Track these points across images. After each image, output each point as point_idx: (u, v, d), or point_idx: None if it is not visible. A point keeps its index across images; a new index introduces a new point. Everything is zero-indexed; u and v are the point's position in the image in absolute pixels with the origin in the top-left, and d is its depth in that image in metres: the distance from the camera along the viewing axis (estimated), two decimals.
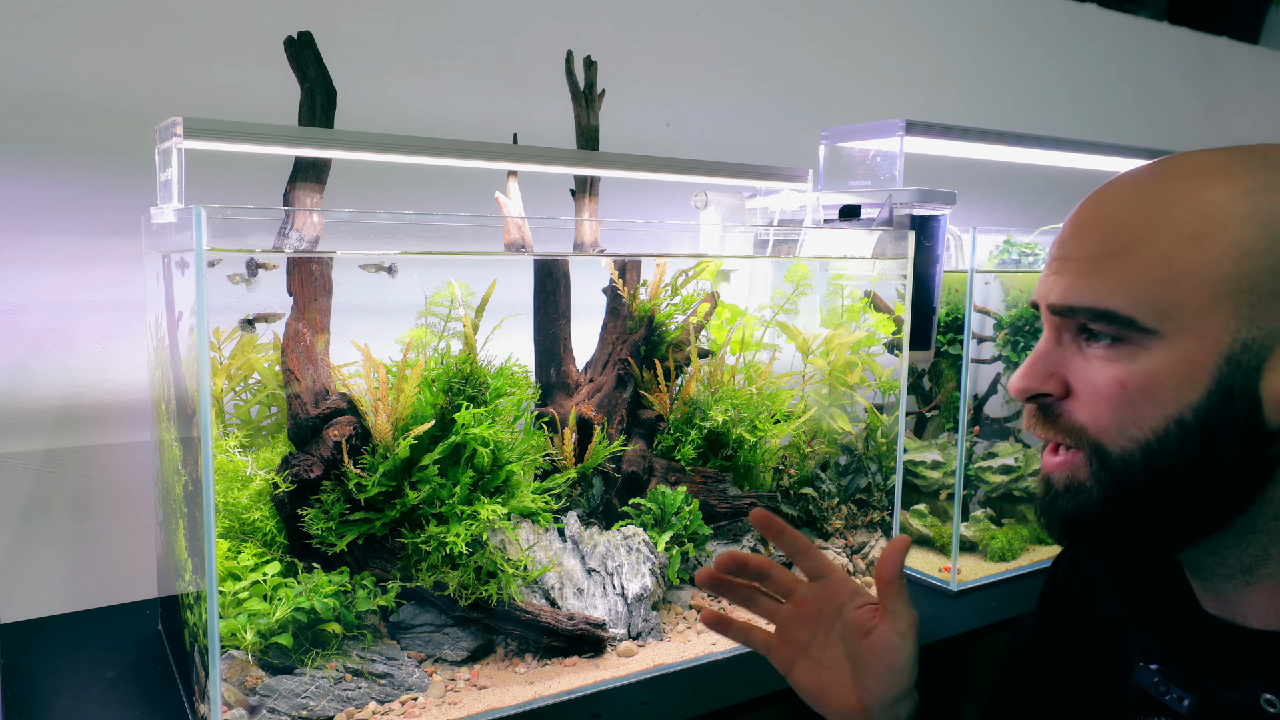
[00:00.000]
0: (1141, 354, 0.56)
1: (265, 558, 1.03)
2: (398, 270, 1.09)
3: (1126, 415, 0.56)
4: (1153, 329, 0.55)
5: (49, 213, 1.24)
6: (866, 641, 0.72)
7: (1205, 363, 0.54)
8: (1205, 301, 0.54)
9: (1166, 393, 0.55)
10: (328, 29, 1.14)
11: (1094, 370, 0.58)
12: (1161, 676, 0.63)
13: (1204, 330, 0.54)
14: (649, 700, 1.05)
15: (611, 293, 1.32)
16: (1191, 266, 0.54)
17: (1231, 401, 0.54)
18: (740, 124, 1.90)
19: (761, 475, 1.37)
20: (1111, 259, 0.56)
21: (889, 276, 1.39)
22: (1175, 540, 0.60)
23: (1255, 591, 0.60)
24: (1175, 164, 0.59)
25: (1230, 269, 0.53)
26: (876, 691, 0.71)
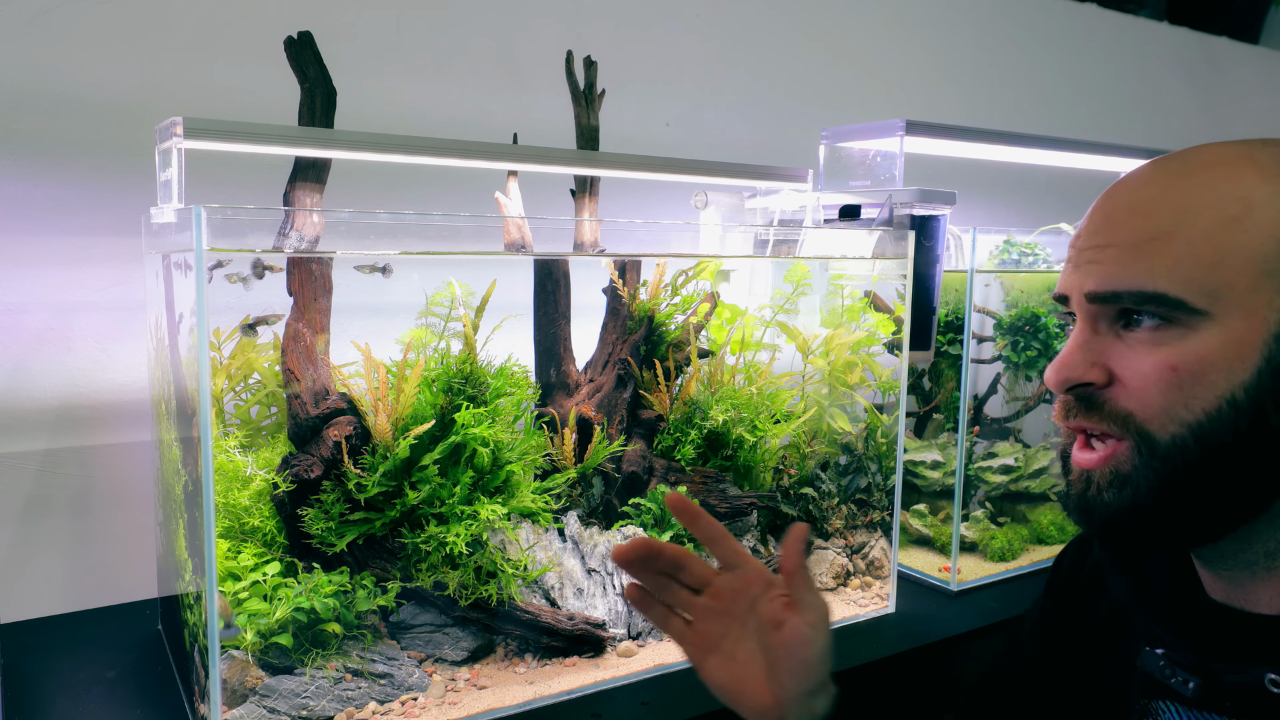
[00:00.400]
0: (1190, 335, 0.56)
1: (265, 558, 1.03)
2: (392, 270, 1.08)
3: (1176, 399, 0.56)
4: (1202, 310, 0.55)
5: (49, 213, 1.24)
6: (779, 635, 0.70)
7: (1254, 341, 0.55)
8: (1251, 280, 0.55)
9: (1218, 372, 0.55)
10: (328, 29, 1.14)
11: (1139, 356, 0.58)
12: (1167, 660, 0.64)
13: (1251, 309, 0.55)
14: (649, 700, 1.05)
15: (611, 293, 1.32)
16: (1235, 247, 0.55)
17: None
18: (740, 124, 1.90)
19: (761, 475, 1.37)
20: (1154, 243, 0.57)
21: (889, 276, 1.39)
22: (1221, 526, 0.59)
23: (1274, 577, 0.60)
24: (1200, 154, 0.59)
25: (1273, 249, 0.55)
26: (790, 686, 0.70)
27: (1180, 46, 2.84)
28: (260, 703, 0.94)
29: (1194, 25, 2.88)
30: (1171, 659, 0.64)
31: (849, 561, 1.40)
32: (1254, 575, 0.61)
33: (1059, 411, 0.62)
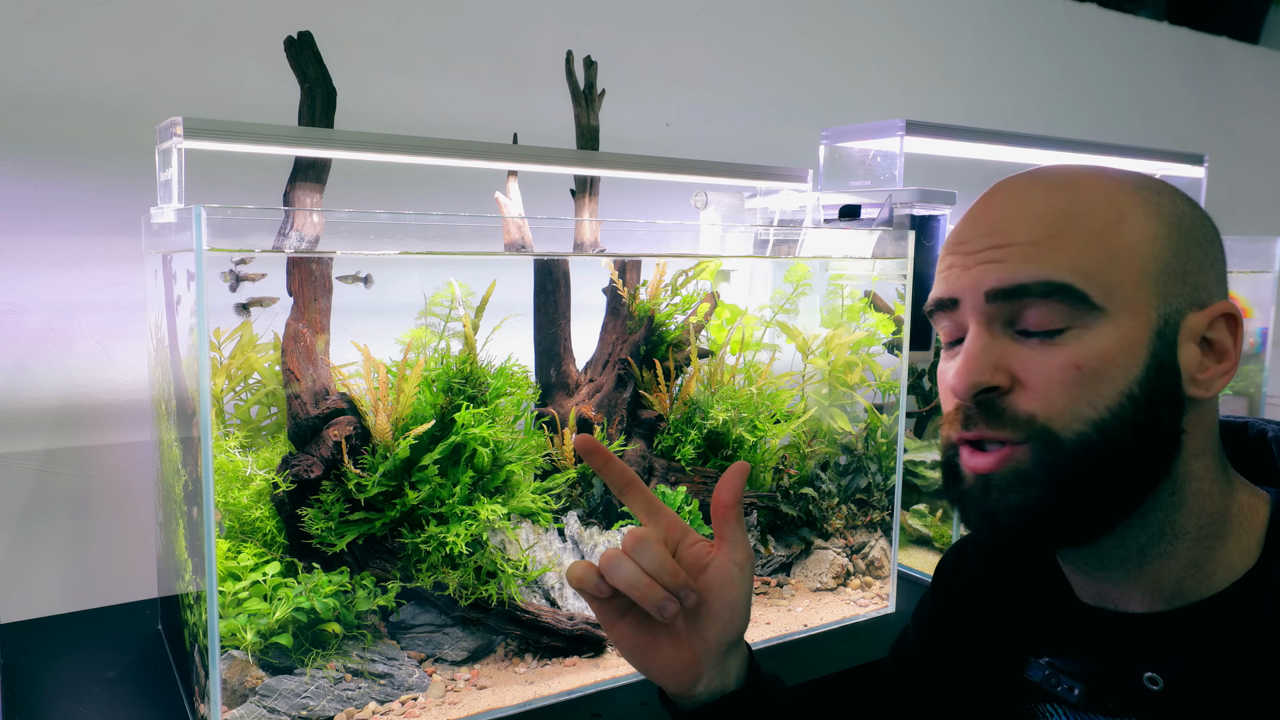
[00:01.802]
0: (1088, 334, 0.58)
1: (265, 558, 1.03)
2: (374, 281, 1.08)
3: (1080, 397, 0.57)
4: (1100, 305, 0.57)
5: (49, 213, 1.24)
6: (703, 578, 0.67)
7: (1142, 338, 0.58)
8: (1137, 279, 0.58)
9: (1117, 369, 0.57)
10: (328, 29, 1.14)
11: (1041, 356, 0.59)
12: (1052, 669, 0.66)
13: (1138, 307, 0.58)
14: (649, 700, 1.05)
15: (611, 293, 1.32)
16: (1120, 248, 0.58)
17: (1164, 373, 0.58)
18: (740, 124, 1.90)
19: (761, 475, 1.37)
20: (1053, 239, 0.59)
21: (889, 276, 1.39)
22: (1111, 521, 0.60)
23: (1144, 574, 0.62)
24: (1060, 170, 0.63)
25: (1148, 250, 0.58)
26: (711, 636, 0.67)
27: (1180, 46, 2.84)
28: (260, 703, 0.94)
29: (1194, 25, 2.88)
30: (1056, 667, 0.65)
31: (849, 561, 1.40)
32: (1127, 574, 0.62)
33: (956, 422, 0.61)
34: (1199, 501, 0.60)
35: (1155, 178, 0.63)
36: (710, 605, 0.67)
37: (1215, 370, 0.60)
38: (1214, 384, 0.60)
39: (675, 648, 0.68)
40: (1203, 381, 0.59)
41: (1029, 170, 0.64)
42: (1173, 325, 0.58)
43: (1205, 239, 0.61)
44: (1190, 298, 0.59)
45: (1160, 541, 0.61)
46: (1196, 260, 0.60)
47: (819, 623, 1.26)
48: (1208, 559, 0.61)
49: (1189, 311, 0.59)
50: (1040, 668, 0.66)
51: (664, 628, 0.68)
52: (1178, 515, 0.60)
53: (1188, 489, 0.60)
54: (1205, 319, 0.59)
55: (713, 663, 0.68)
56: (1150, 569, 0.61)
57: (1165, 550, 0.61)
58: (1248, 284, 1.84)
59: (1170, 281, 0.59)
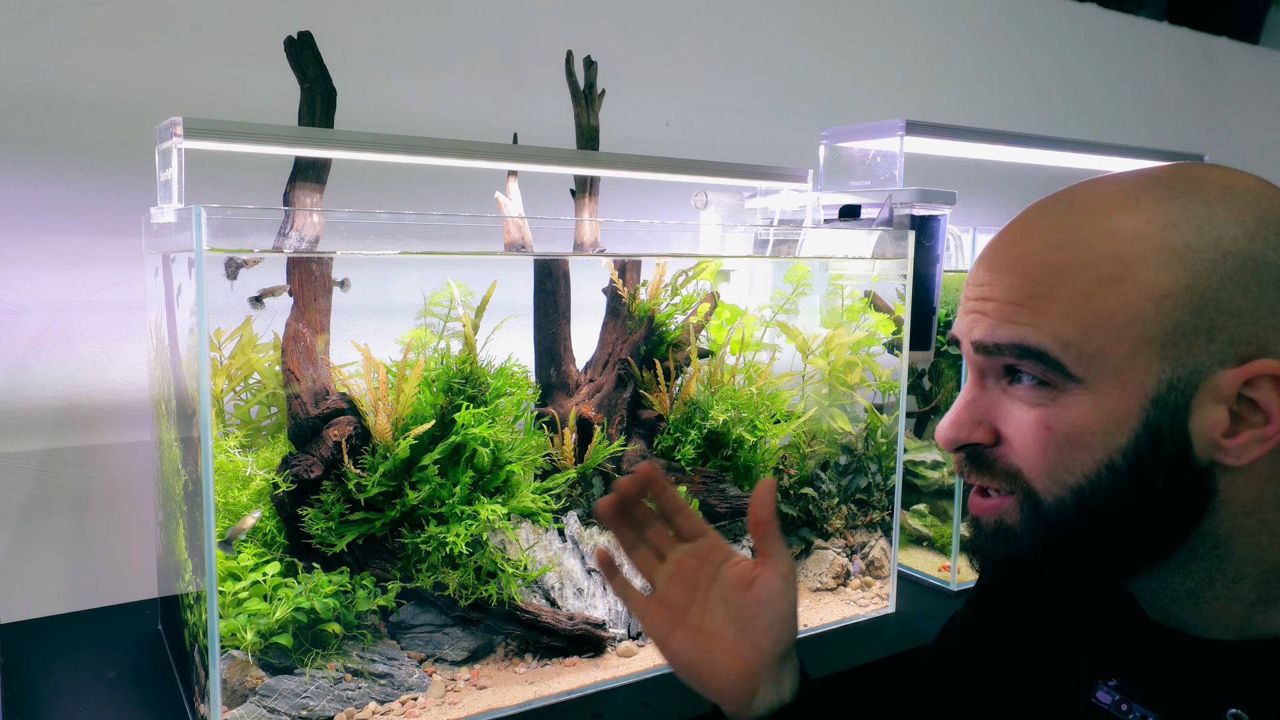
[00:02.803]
0: (1064, 398, 0.55)
1: (265, 558, 1.03)
2: (350, 285, 1.08)
3: (1055, 460, 0.55)
4: (1077, 377, 0.54)
5: (49, 213, 1.24)
6: (750, 593, 0.69)
7: (1131, 407, 0.53)
8: (1129, 348, 0.53)
9: (1094, 438, 0.54)
10: (328, 29, 1.14)
11: (1021, 413, 0.57)
12: (1122, 694, 0.63)
13: (1130, 375, 0.53)
14: (649, 700, 1.05)
15: (611, 293, 1.32)
16: (1113, 312, 0.53)
17: (1161, 442, 0.53)
18: (740, 124, 1.90)
19: (761, 475, 1.37)
20: (1034, 300, 0.55)
21: (889, 276, 1.39)
22: (1110, 578, 0.59)
23: (1203, 610, 0.59)
24: (1086, 197, 0.57)
25: (1152, 312, 0.52)
26: (764, 648, 0.68)
27: (1180, 46, 2.84)
28: (260, 703, 0.94)
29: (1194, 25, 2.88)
30: (1125, 692, 0.62)
31: (849, 561, 1.40)
32: (1184, 608, 0.60)
33: (956, 465, 0.62)
34: (1257, 553, 0.56)
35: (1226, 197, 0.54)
36: (761, 619, 0.69)
37: (1251, 436, 0.52)
38: (1246, 451, 0.53)
39: (731, 662, 0.68)
40: (1231, 449, 0.53)
41: (1053, 197, 0.59)
42: (1183, 388, 0.52)
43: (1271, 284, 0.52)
44: (1223, 354, 0.52)
45: (1213, 585, 0.57)
46: (1243, 311, 0.52)
47: (819, 623, 1.26)
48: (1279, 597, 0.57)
49: (1216, 370, 0.52)
50: (1109, 691, 0.63)
51: (716, 639, 0.69)
52: (1228, 565, 0.56)
53: (1236, 543, 0.56)
54: (1239, 378, 0.52)
55: (768, 675, 0.69)
56: (1210, 607, 0.58)
57: (1222, 593, 0.57)
58: None
59: (1185, 341, 0.52)
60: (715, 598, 0.71)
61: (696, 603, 0.71)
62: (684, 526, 0.74)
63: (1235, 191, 0.54)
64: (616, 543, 0.75)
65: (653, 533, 0.74)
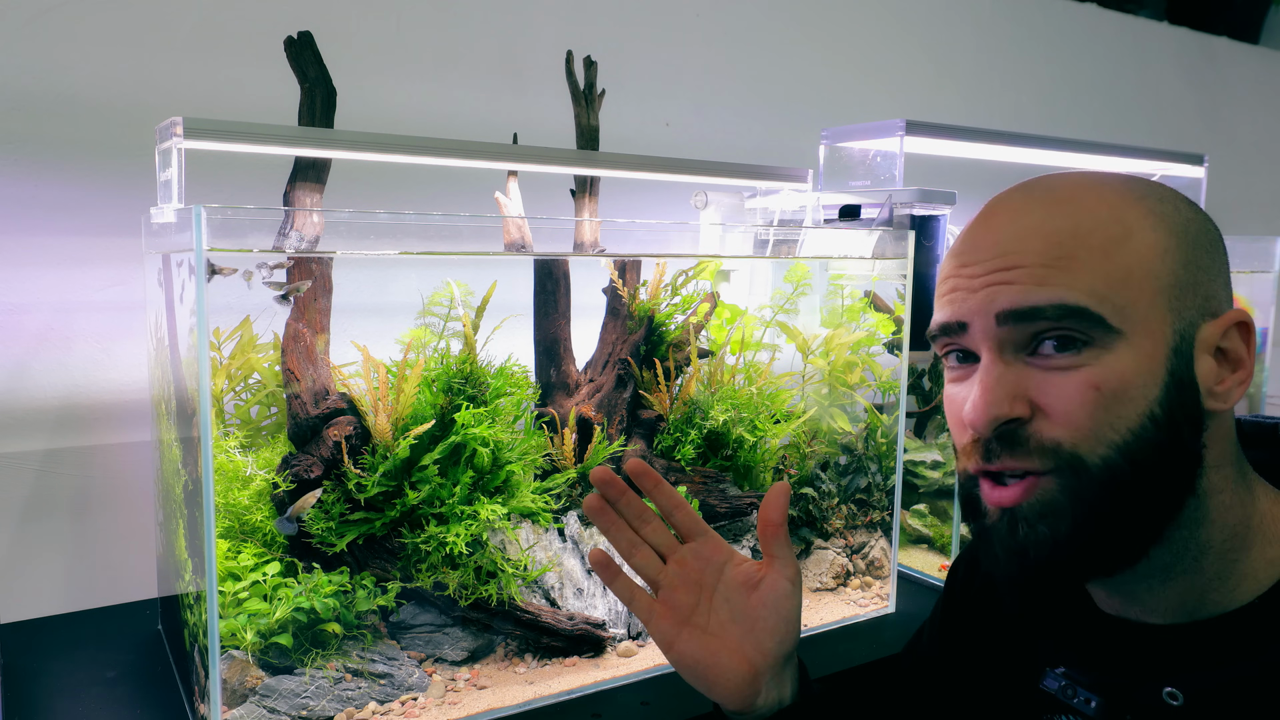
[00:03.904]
0: (1106, 355, 0.56)
1: (265, 558, 1.03)
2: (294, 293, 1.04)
3: (1103, 419, 0.56)
4: (1116, 327, 0.56)
5: (49, 213, 1.24)
6: (756, 595, 0.70)
7: (1159, 356, 0.56)
8: (1150, 296, 0.57)
9: (1137, 389, 0.56)
10: (328, 29, 1.14)
11: (1060, 381, 0.57)
12: (1068, 680, 0.64)
13: (1153, 325, 0.56)
14: (649, 700, 1.05)
15: (611, 293, 1.32)
16: (1131, 266, 0.57)
17: (1184, 390, 0.57)
18: (740, 124, 1.90)
19: (761, 475, 1.37)
20: (1064, 260, 0.57)
21: (889, 276, 1.39)
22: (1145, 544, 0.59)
23: (1169, 589, 0.60)
24: (1059, 180, 0.61)
25: (1158, 265, 0.57)
26: (769, 649, 0.69)
27: (1180, 46, 2.84)
28: (260, 703, 0.94)
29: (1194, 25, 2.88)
30: (1072, 678, 0.64)
31: (849, 561, 1.40)
32: (1150, 589, 0.61)
33: (975, 454, 0.60)
34: (1221, 514, 0.59)
35: (1154, 182, 0.62)
36: (766, 620, 0.70)
37: (1231, 380, 0.58)
38: (1231, 394, 0.58)
39: (735, 664, 0.69)
40: (1220, 393, 0.58)
41: (1024, 184, 0.62)
42: (1188, 339, 0.57)
43: (1211, 245, 0.59)
44: (1202, 308, 0.58)
45: (1184, 558, 0.59)
46: (1205, 269, 0.58)
47: (819, 623, 1.26)
48: (1231, 571, 0.59)
49: (1202, 323, 0.58)
50: (1056, 678, 0.65)
51: (722, 640, 0.70)
52: (1201, 531, 0.59)
53: (1210, 502, 0.59)
54: (1218, 329, 0.58)
55: (771, 676, 0.70)
56: (1174, 585, 0.60)
57: (1189, 566, 0.59)
58: (1248, 284, 1.84)
59: (1183, 295, 0.57)
60: (720, 599, 0.71)
61: (701, 604, 0.72)
62: (682, 524, 0.74)
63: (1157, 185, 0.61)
64: (613, 545, 0.74)
65: (650, 531, 0.74)
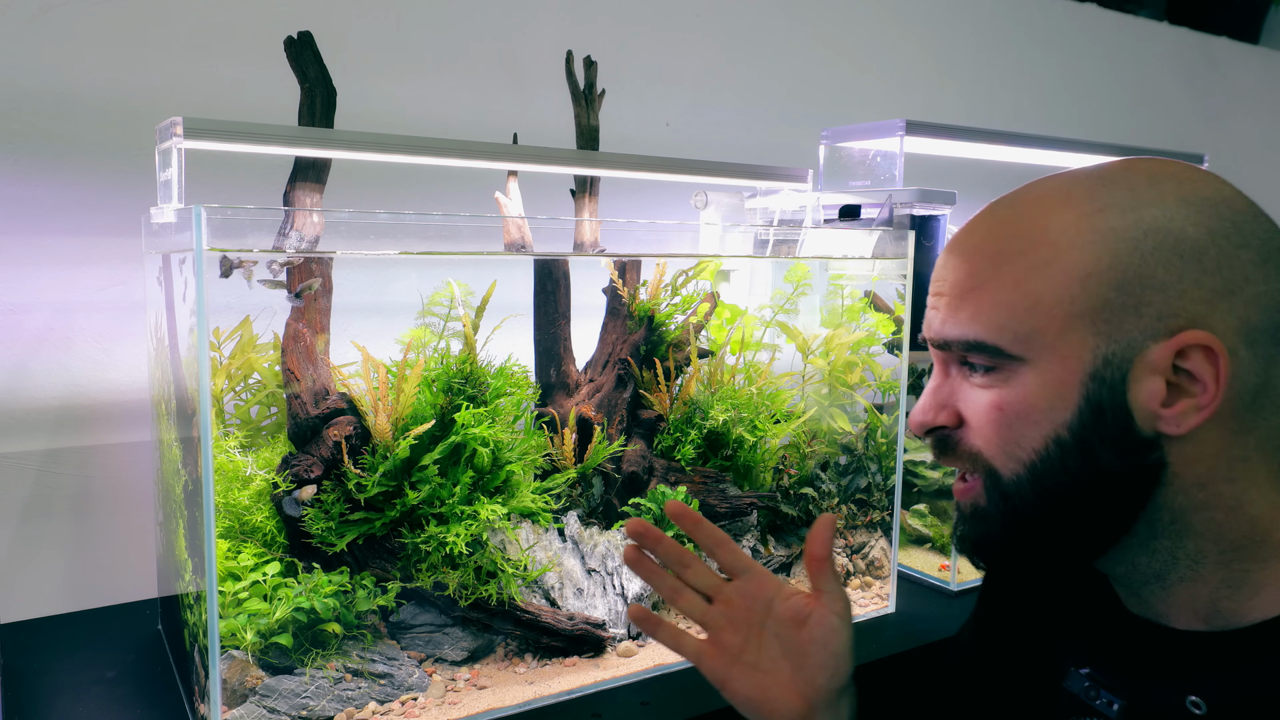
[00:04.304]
0: (1013, 378, 0.59)
1: (265, 558, 1.03)
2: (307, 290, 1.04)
3: (1009, 438, 0.59)
4: (1018, 355, 0.58)
5: (49, 213, 1.24)
6: (805, 631, 0.70)
7: (1072, 381, 0.57)
8: (1061, 324, 0.57)
9: (1040, 413, 0.58)
10: (328, 29, 1.14)
11: (976, 397, 0.61)
12: (1091, 681, 0.65)
13: (1065, 351, 0.57)
14: (649, 700, 1.05)
15: (611, 293, 1.32)
16: (1044, 293, 0.57)
17: (1103, 415, 0.56)
18: (740, 124, 1.90)
19: (761, 475, 1.37)
20: (974, 292, 0.60)
21: (889, 276, 1.39)
22: (1078, 554, 0.62)
23: (1172, 595, 0.61)
24: (1027, 193, 0.62)
25: (1078, 290, 0.56)
26: (820, 684, 0.69)
27: (1180, 46, 2.84)
28: (260, 703, 0.94)
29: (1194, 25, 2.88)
30: (1096, 679, 0.64)
31: (849, 561, 1.40)
32: (1154, 593, 0.62)
33: (931, 451, 0.66)
34: (1214, 529, 0.58)
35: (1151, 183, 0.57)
36: (816, 657, 0.70)
37: (1188, 405, 0.55)
38: (1184, 420, 0.55)
39: (789, 699, 0.70)
40: (1169, 418, 0.55)
41: (1010, 193, 0.63)
42: (1118, 363, 0.55)
43: (1192, 258, 0.55)
44: (1153, 328, 0.55)
45: (1176, 567, 0.59)
46: (1166, 285, 0.55)
47: None
48: (1243, 581, 0.58)
49: (1148, 344, 0.55)
50: (1079, 679, 0.65)
51: (774, 677, 0.71)
52: (1188, 542, 0.58)
53: (1192, 518, 0.58)
54: (1169, 350, 0.54)
55: (825, 709, 0.70)
56: (1177, 591, 0.60)
57: (1185, 575, 0.59)
58: None
59: (1115, 317, 0.55)
60: (769, 634, 0.72)
61: (750, 641, 0.72)
62: (726, 561, 0.75)
63: (1160, 177, 0.58)
64: (657, 591, 0.75)
65: (692, 575, 0.75)
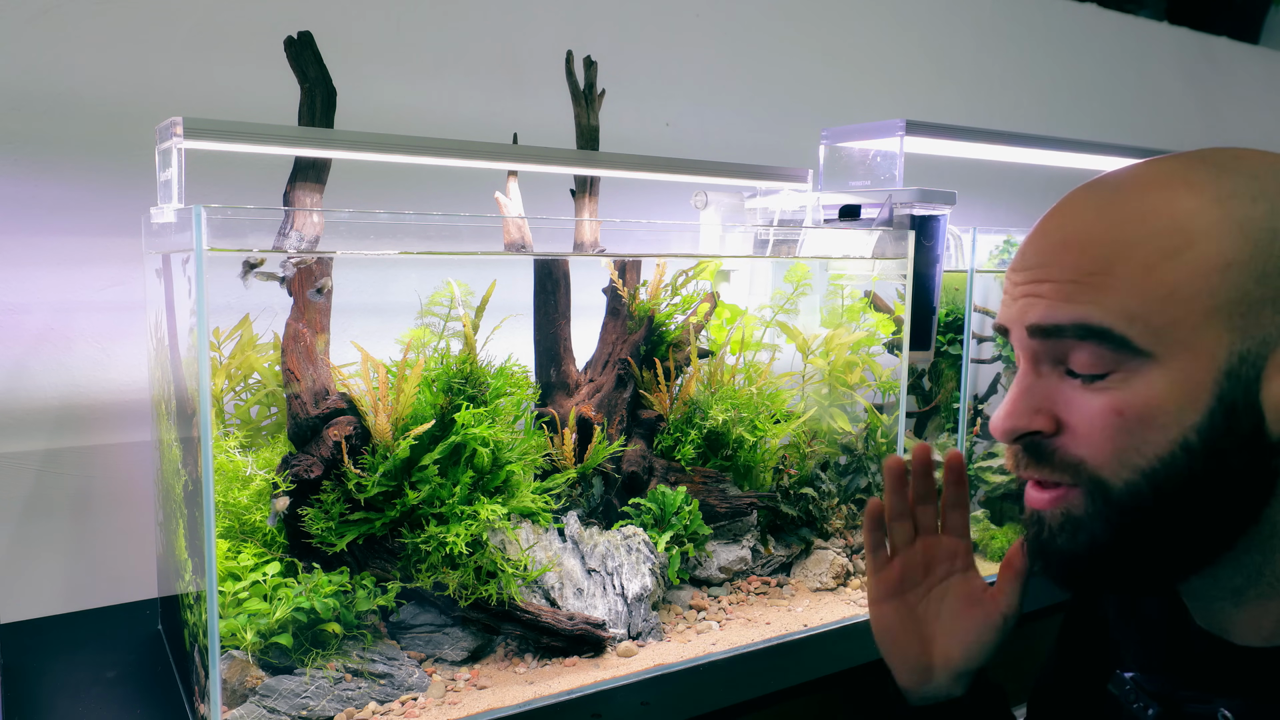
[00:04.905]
0: (1134, 378, 0.53)
1: (265, 558, 1.03)
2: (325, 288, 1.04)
3: (1127, 444, 0.54)
4: (1146, 350, 0.53)
5: (49, 213, 1.24)
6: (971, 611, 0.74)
7: (1204, 380, 0.52)
8: (1199, 317, 0.52)
9: (1168, 416, 0.53)
10: (328, 29, 1.14)
11: (1085, 400, 0.55)
12: (1134, 685, 0.64)
13: (1200, 347, 0.52)
14: (649, 700, 1.05)
15: (611, 293, 1.32)
16: (1180, 282, 0.52)
17: (1236, 416, 0.52)
18: (740, 124, 1.90)
19: (761, 475, 1.37)
20: (1096, 276, 0.54)
21: (889, 276, 1.39)
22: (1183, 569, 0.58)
23: (1242, 612, 0.59)
24: (1136, 176, 0.57)
25: (1219, 281, 0.52)
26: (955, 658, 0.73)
27: (1180, 46, 2.84)
28: (260, 703, 0.94)
29: (1194, 25, 2.88)
30: (1139, 684, 0.63)
31: (849, 561, 1.40)
32: (1224, 609, 0.60)
33: (1010, 462, 0.61)
34: None
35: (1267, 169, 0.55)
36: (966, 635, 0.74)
37: None
38: None
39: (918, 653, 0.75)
40: None
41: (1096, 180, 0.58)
42: (1254, 359, 0.52)
43: None
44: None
45: (1259, 583, 0.57)
46: None
47: (819, 623, 1.26)
48: None
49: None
50: (1123, 681, 0.64)
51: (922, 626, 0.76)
52: (1276, 559, 0.56)
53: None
54: None
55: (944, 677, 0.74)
56: (1249, 608, 0.58)
57: (1264, 592, 0.57)
58: None
59: (1253, 311, 0.51)
60: (937, 595, 0.77)
61: (921, 588, 0.77)
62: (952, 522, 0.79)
63: (1273, 164, 0.55)
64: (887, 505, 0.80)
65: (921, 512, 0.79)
